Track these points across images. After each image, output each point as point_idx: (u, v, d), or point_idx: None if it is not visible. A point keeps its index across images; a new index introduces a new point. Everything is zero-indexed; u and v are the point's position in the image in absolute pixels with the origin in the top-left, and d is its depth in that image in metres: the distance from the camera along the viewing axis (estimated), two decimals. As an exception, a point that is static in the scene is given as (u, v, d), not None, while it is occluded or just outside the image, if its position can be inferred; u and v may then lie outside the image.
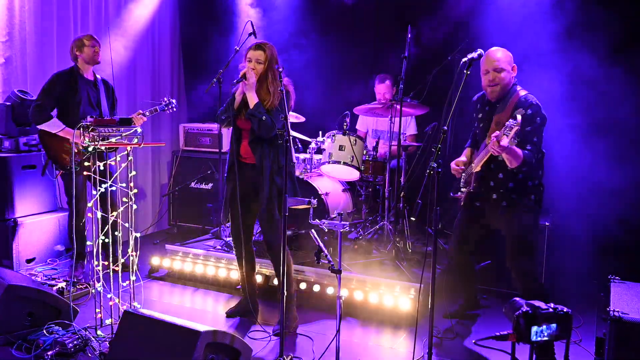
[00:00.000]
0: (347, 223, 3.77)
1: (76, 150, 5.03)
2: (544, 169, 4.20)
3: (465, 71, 3.66)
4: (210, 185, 7.04)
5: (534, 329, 2.63)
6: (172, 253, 5.71)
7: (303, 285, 5.04)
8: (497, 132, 3.75)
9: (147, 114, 5.46)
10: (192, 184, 7.08)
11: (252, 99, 4.31)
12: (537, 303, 2.69)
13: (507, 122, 3.63)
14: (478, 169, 4.12)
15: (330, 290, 4.93)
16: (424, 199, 5.52)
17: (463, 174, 4.36)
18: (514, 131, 3.58)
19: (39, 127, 5.25)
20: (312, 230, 3.91)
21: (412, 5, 6.54)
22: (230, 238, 5.80)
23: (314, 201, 3.87)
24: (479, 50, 3.80)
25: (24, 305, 4.05)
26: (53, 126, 5.18)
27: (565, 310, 2.68)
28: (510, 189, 4.10)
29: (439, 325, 4.54)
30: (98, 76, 5.53)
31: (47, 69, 6.25)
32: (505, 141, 3.65)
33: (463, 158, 4.45)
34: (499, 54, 4.09)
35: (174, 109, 5.70)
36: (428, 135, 5.73)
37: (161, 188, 7.80)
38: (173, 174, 7.25)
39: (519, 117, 3.61)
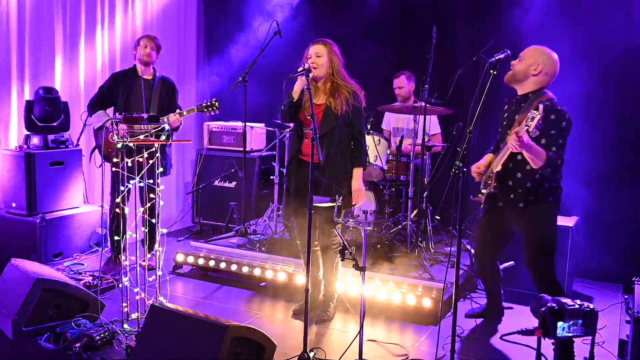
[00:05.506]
0: (372, 221, 3.79)
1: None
2: (562, 174, 4.15)
3: (491, 71, 3.66)
4: (234, 183, 7.09)
5: (560, 324, 2.65)
6: (196, 250, 5.76)
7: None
8: (518, 127, 3.72)
9: (184, 113, 5.34)
10: (216, 182, 7.14)
11: None
12: (563, 299, 2.71)
13: (529, 113, 3.57)
14: (499, 168, 4.09)
15: (352, 289, 4.95)
16: (448, 198, 5.53)
17: (483, 177, 4.35)
18: (536, 120, 3.51)
19: (90, 119, 5.57)
20: (337, 228, 3.95)
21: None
22: (255, 235, 5.90)
23: (339, 199, 3.89)
24: (506, 51, 3.80)
25: (52, 298, 4.12)
26: (98, 118, 5.38)
27: (590, 307, 2.69)
28: (528, 189, 4.07)
29: (461, 325, 4.55)
30: (159, 74, 5.63)
31: (74, 67, 6.37)
32: (526, 137, 3.63)
33: (483, 162, 4.41)
34: (532, 48, 4.10)
35: (216, 111, 5.43)
36: (452, 135, 5.74)
37: (185, 186, 7.87)
38: (197, 172, 7.31)
39: (540, 106, 3.54)
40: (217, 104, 5.40)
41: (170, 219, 7.49)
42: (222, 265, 5.55)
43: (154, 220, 4.33)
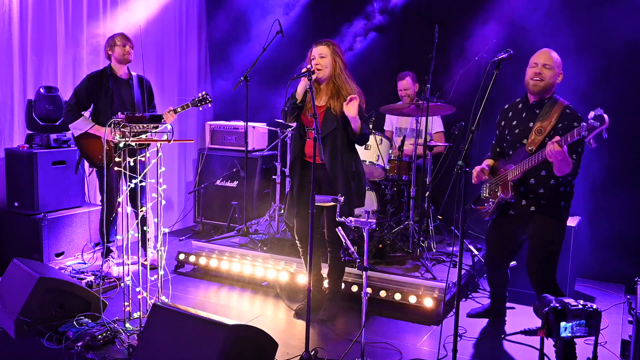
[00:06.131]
0: (374, 221, 3.78)
1: (107, 147, 5.08)
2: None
3: (494, 71, 3.65)
4: (235, 183, 7.09)
5: (563, 324, 2.64)
6: (198, 249, 5.77)
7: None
8: (558, 137, 3.67)
9: (179, 109, 5.30)
10: (218, 182, 7.14)
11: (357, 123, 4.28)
12: (566, 299, 2.70)
13: (587, 122, 3.47)
14: (517, 174, 4.01)
15: (354, 288, 4.94)
16: (450, 198, 5.52)
17: (486, 184, 4.32)
18: (595, 132, 3.44)
19: (69, 126, 5.38)
20: (339, 228, 3.94)
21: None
22: (257, 235, 5.90)
23: (341, 199, 3.89)
24: (509, 51, 3.78)
25: (55, 297, 4.12)
26: (82, 124, 5.28)
27: (594, 307, 2.69)
28: (540, 195, 4.03)
29: (463, 325, 4.54)
30: (133, 73, 5.54)
31: (77, 66, 6.37)
32: (565, 147, 3.60)
33: (486, 167, 4.31)
34: (553, 54, 4.03)
35: (209, 104, 5.40)
36: (454, 135, 5.74)
37: (187, 185, 7.88)
38: (199, 171, 7.32)
39: (605, 117, 3.44)
40: (208, 96, 5.34)
41: (172, 218, 7.50)
42: (224, 264, 5.55)
43: (156, 220, 4.32)
